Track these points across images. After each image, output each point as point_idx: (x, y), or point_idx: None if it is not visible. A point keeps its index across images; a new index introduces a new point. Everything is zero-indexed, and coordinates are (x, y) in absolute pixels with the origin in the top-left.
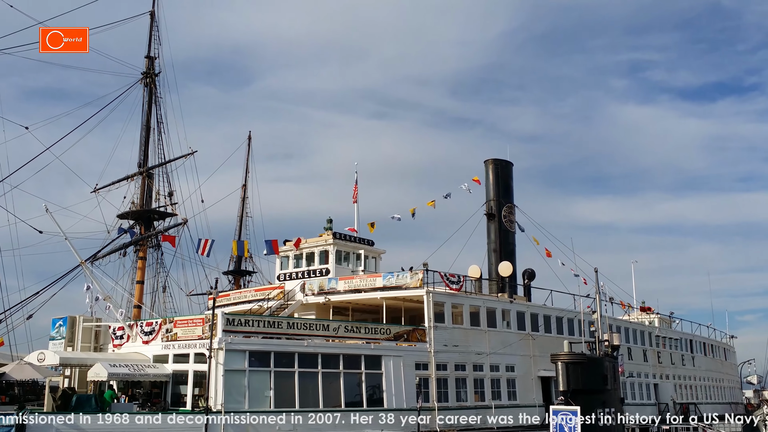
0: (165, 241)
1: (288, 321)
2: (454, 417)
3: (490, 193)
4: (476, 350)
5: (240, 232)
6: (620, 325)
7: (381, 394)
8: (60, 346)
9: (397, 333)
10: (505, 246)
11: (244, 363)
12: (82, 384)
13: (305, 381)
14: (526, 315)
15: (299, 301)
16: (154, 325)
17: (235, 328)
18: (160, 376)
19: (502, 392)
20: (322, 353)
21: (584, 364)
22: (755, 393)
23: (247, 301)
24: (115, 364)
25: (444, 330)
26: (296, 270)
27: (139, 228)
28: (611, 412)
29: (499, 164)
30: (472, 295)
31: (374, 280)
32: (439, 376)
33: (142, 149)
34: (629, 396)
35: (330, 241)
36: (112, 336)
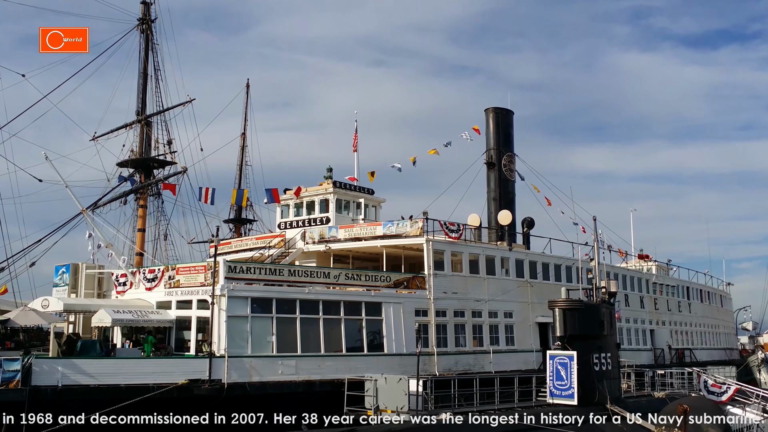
0: (165, 189)
1: (289, 268)
2: (452, 362)
3: (491, 141)
4: (475, 297)
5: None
6: (618, 273)
7: (381, 339)
8: (63, 293)
9: (397, 280)
10: (504, 195)
11: (247, 309)
12: (86, 330)
13: (307, 327)
14: (524, 263)
15: (300, 249)
16: (157, 272)
17: (237, 275)
18: (164, 322)
19: (500, 338)
20: (323, 300)
21: (581, 310)
22: (750, 339)
23: (248, 249)
24: (118, 311)
25: (443, 277)
26: (297, 218)
27: (139, 176)
28: (607, 357)
29: (499, 113)
30: (471, 244)
31: (374, 228)
32: (438, 322)
33: (139, 97)
34: (625, 341)
35: (330, 189)
36: (115, 283)
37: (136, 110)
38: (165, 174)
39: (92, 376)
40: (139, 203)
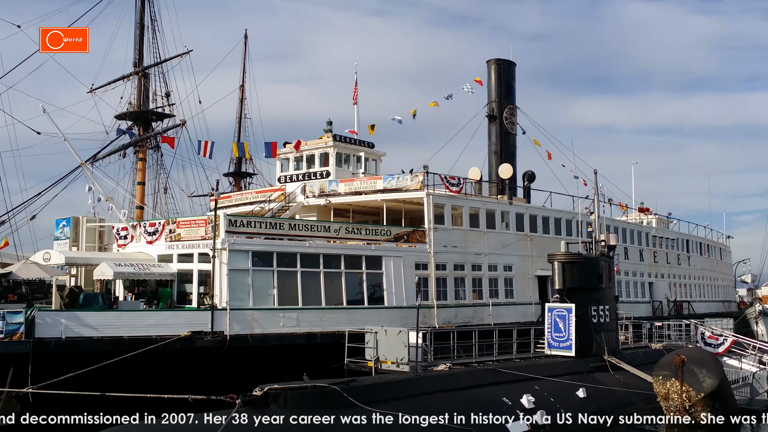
0: (164, 142)
1: (289, 222)
2: (452, 315)
3: (492, 94)
4: (475, 251)
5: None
6: (617, 226)
7: (381, 293)
8: (64, 246)
9: (397, 234)
10: (505, 148)
11: (248, 263)
12: (88, 283)
13: (307, 280)
14: (524, 216)
15: (300, 203)
16: (158, 226)
17: (238, 229)
18: (166, 275)
19: (500, 291)
20: (323, 254)
21: (580, 263)
22: (749, 291)
23: (249, 203)
24: (120, 264)
25: (443, 231)
26: (297, 172)
27: (138, 129)
28: (605, 309)
29: (501, 64)
30: (471, 198)
31: (374, 182)
32: (438, 275)
33: (136, 48)
34: (624, 294)
35: (330, 143)
36: (116, 236)
37: (134, 62)
38: (164, 127)
39: (95, 329)
40: (138, 156)
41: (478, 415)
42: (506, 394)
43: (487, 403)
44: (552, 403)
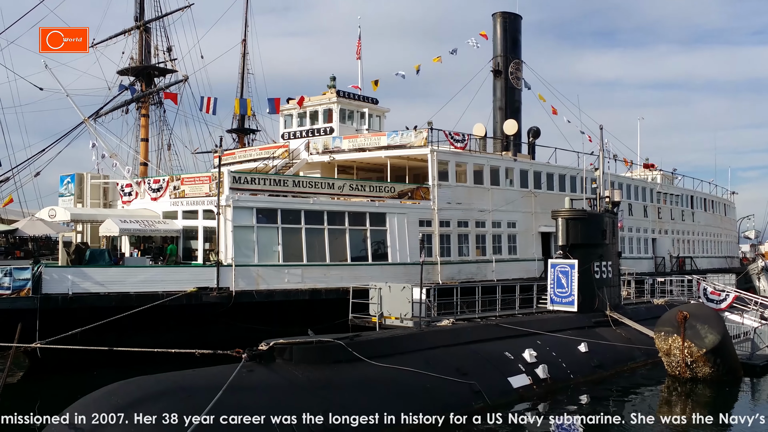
0: (167, 98)
1: (293, 179)
2: (455, 271)
3: (498, 48)
4: (479, 207)
5: (242, 90)
6: (622, 182)
7: (385, 249)
8: (69, 202)
9: (401, 191)
10: (511, 104)
11: (252, 219)
12: (94, 239)
13: (312, 237)
14: (529, 173)
15: (304, 159)
16: (162, 183)
17: (242, 186)
18: (171, 232)
19: (503, 247)
20: (327, 210)
21: (584, 219)
22: (752, 247)
23: (252, 159)
24: (125, 220)
25: (447, 188)
26: (300, 129)
27: (140, 85)
28: (608, 265)
29: (507, 17)
30: (476, 154)
31: (378, 139)
32: (442, 232)
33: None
34: (627, 250)
35: (333, 99)
36: (121, 193)
37: (135, 15)
38: (166, 83)
39: (102, 284)
40: (141, 112)
41: (481, 370)
42: (509, 349)
43: (489, 358)
44: (554, 357)
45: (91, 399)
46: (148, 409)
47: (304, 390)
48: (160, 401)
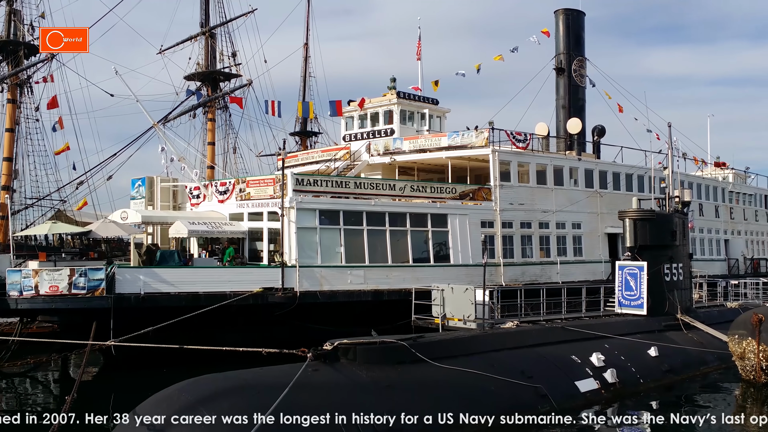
0: (232, 102)
1: (355, 181)
2: (519, 273)
3: (560, 45)
4: (542, 208)
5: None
6: (692, 181)
7: (447, 251)
8: (140, 205)
9: (462, 192)
10: (574, 102)
11: (315, 221)
12: (164, 241)
13: (374, 238)
14: (594, 172)
15: (365, 161)
16: (228, 185)
17: (305, 187)
18: (237, 233)
19: (568, 249)
20: (389, 212)
21: (652, 220)
22: None
23: (314, 161)
24: (194, 222)
25: (510, 188)
26: (361, 130)
27: (206, 89)
28: (678, 267)
29: (570, 14)
30: (538, 154)
31: (439, 139)
32: (504, 233)
33: (202, 8)
34: (698, 252)
35: (394, 100)
36: (189, 195)
37: (200, 22)
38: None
39: (172, 284)
40: (207, 117)
41: (546, 373)
42: (575, 353)
43: (555, 361)
44: (623, 361)
45: (163, 396)
46: (217, 405)
47: (368, 390)
48: (229, 398)
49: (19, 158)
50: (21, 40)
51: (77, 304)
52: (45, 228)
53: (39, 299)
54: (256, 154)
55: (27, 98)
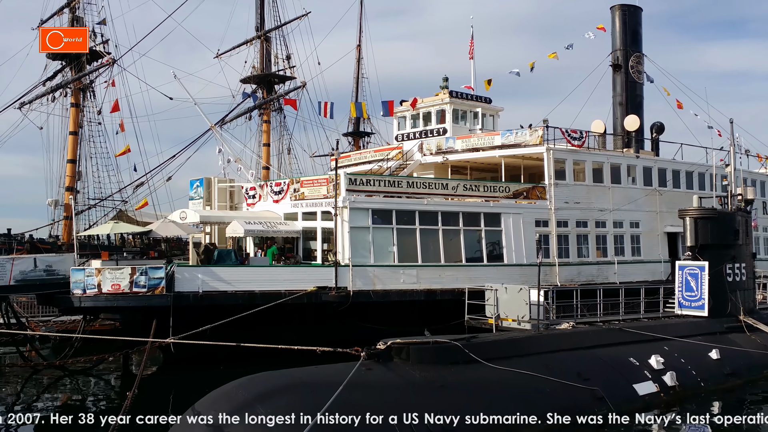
0: (287, 104)
1: (408, 180)
2: (575, 273)
3: (617, 42)
4: (599, 207)
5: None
6: (755, 179)
7: (501, 250)
8: (199, 205)
9: (516, 191)
10: (631, 99)
11: (368, 220)
12: (221, 240)
13: (426, 238)
14: (653, 170)
15: (417, 160)
16: (283, 185)
17: (357, 187)
18: (291, 233)
19: (626, 248)
20: (441, 211)
21: (714, 218)
22: None
23: (367, 161)
24: (250, 222)
25: (565, 187)
26: (413, 130)
27: (261, 92)
28: (741, 267)
29: (626, 10)
30: (595, 151)
31: (492, 138)
32: (559, 232)
33: (258, 12)
34: (762, 251)
35: (446, 100)
36: (245, 195)
37: (256, 26)
38: (285, 89)
39: (229, 283)
40: (263, 119)
41: (604, 375)
42: (633, 355)
43: (613, 363)
44: (683, 364)
45: (221, 392)
46: (273, 403)
47: (422, 390)
48: (285, 396)
49: (82, 160)
50: None
51: (138, 302)
52: (107, 228)
53: (101, 297)
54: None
55: (90, 102)
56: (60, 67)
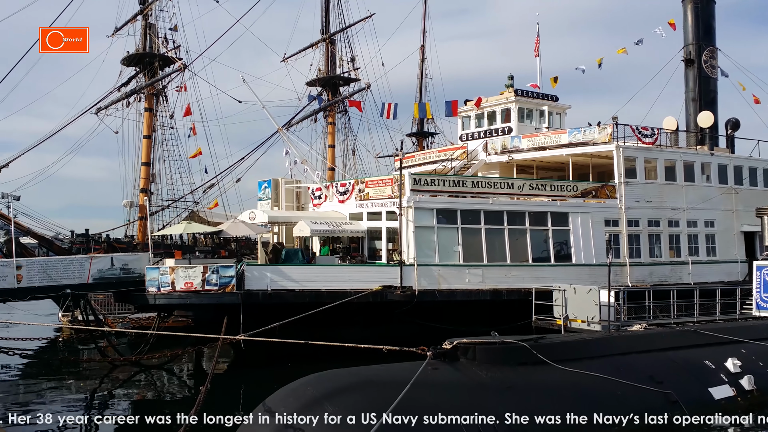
0: (351, 106)
1: (472, 180)
2: (646, 273)
3: (689, 36)
4: (672, 205)
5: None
6: None
7: (568, 250)
8: (267, 205)
9: (584, 190)
10: (705, 94)
11: (433, 220)
12: (288, 240)
13: (492, 237)
14: (728, 168)
15: (482, 160)
16: (348, 186)
17: (422, 187)
18: (357, 232)
19: (700, 248)
20: (507, 211)
21: None
22: None
23: (431, 161)
24: (316, 222)
25: (636, 186)
26: (478, 130)
27: (327, 94)
28: None
29: (698, 2)
30: (667, 149)
31: (559, 137)
32: (630, 232)
33: (323, 16)
34: None
35: (511, 98)
36: (311, 196)
37: (321, 29)
38: (350, 91)
39: (296, 282)
40: (328, 120)
41: (678, 379)
42: (709, 357)
43: (687, 366)
44: (761, 367)
45: (290, 389)
46: (341, 401)
47: (489, 390)
48: (352, 394)
49: (156, 163)
50: (156, 52)
51: (210, 300)
52: (180, 228)
53: (175, 295)
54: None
55: (162, 107)
56: (134, 73)
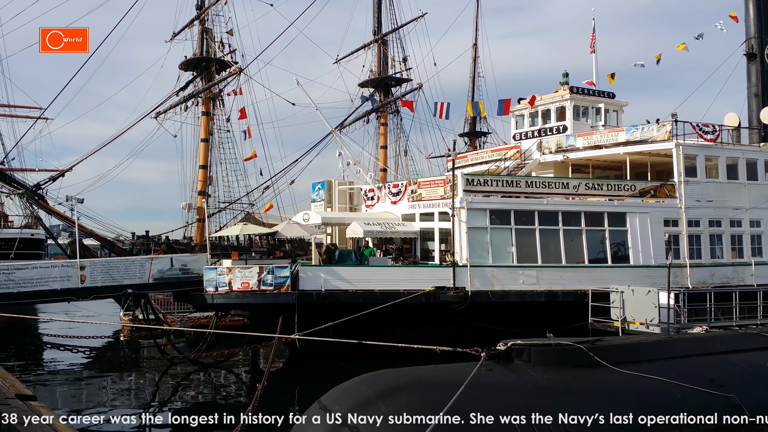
0: (403, 106)
1: (526, 180)
2: (707, 274)
3: (751, 29)
4: (734, 205)
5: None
6: None
7: (626, 251)
8: (320, 207)
9: (642, 189)
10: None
11: (486, 221)
12: (341, 241)
13: (546, 238)
14: None
15: (536, 159)
16: (400, 187)
17: (475, 188)
18: (409, 233)
19: (764, 249)
20: (562, 211)
21: None
22: None
23: (484, 161)
24: (369, 223)
25: (696, 185)
26: (532, 128)
27: (379, 95)
28: None
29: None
30: (729, 146)
31: (616, 135)
32: (690, 232)
33: (375, 16)
34: None
35: (566, 96)
36: (364, 197)
37: (373, 30)
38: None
39: (350, 282)
40: (380, 121)
41: (740, 382)
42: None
43: (749, 370)
44: None
45: (345, 388)
46: (395, 401)
47: (546, 393)
48: (406, 394)
49: (213, 166)
50: (213, 57)
51: (266, 300)
52: (237, 229)
53: (232, 295)
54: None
55: (219, 110)
56: (191, 77)
